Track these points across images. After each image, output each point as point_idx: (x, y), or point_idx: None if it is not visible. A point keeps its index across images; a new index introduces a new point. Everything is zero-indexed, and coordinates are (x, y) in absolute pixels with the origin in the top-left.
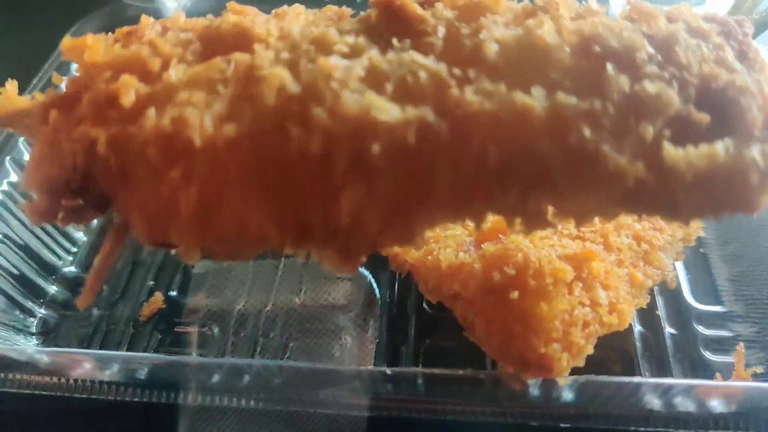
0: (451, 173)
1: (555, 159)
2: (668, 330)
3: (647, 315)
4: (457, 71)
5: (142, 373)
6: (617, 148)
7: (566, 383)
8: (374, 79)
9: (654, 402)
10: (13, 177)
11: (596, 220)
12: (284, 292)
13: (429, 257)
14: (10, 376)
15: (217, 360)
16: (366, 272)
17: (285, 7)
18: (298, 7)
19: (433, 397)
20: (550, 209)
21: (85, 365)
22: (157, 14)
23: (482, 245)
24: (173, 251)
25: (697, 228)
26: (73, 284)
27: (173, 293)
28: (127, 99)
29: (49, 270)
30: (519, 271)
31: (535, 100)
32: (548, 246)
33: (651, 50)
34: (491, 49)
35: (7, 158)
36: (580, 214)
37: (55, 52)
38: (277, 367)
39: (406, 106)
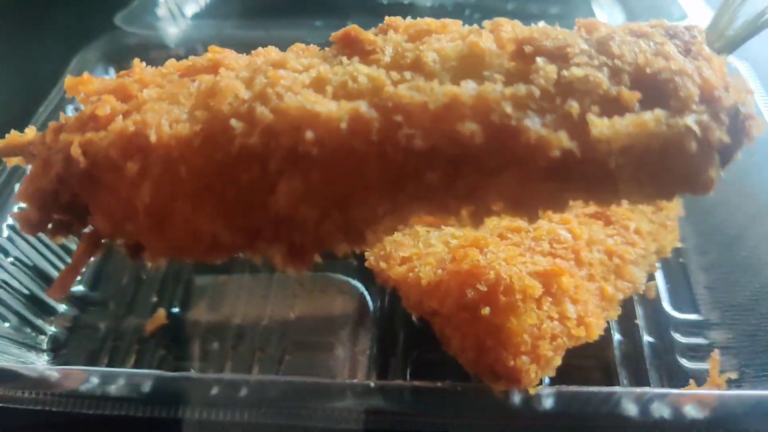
0: (380, 159)
1: (477, 136)
2: (646, 338)
3: (626, 324)
4: (395, 75)
5: (146, 388)
6: (540, 123)
7: (545, 393)
8: (317, 85)
9: (630, 409)
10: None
11: (566, 234)
12: (279, 305)
13: (410, 274)
14: (23, 392)
15: (215, 375)
16: (359, 285)
17: (260, 48)
18: (271, 48)
19: (421, 410)
20: (496, 205)
21: (92, 381)
22: (158, 41)
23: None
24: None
25: (673, 240)
26: (81, 302)
27: (175, 309)
28: (102, 111)
29: None
30: (490, 287)
31: (462, 89)
32: (520, 263)
33: (584, 46)
34: (430, 57)
35: (17, 185)
36: (519, 198)
37: (59, 80)
38: (270, 381)
39: (342, 102)
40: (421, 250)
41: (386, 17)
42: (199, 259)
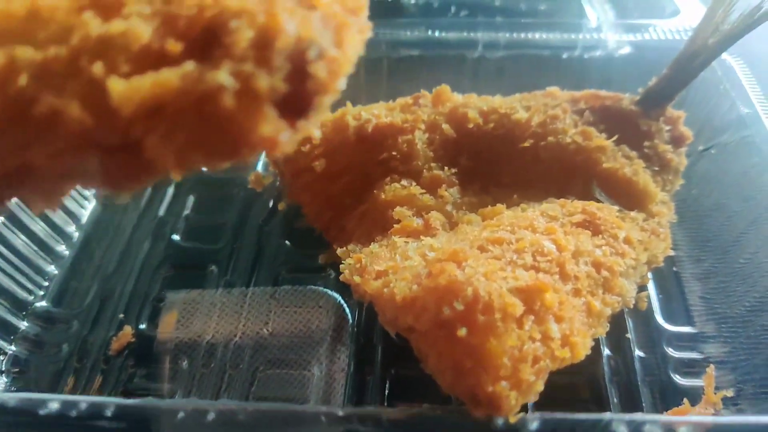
0: None
1: None
2: (637, 353)
3: (616, 338)
4: None
5: (109, 414)
6: (56, 91)
7: (530, 418)
8: None
9: None
10: None
11: (550, 246)
12: (253, 321)
13: (385, 289)
14: None
15: (182, 400)
16: (336, 296)
17: None
18: None
19: None
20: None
21: (52, 407)
22: None
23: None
24: None
25: (665, 248)
26: (44, 319)
27: (142, 326)
28: None
29: (20, 306)
30: (468, 306)
31: None
32: (501, 278)
33: None
34: None
35: None
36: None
37: None
38: (240, 407)
39: None
40: (397, 263)
41: None
42: None
